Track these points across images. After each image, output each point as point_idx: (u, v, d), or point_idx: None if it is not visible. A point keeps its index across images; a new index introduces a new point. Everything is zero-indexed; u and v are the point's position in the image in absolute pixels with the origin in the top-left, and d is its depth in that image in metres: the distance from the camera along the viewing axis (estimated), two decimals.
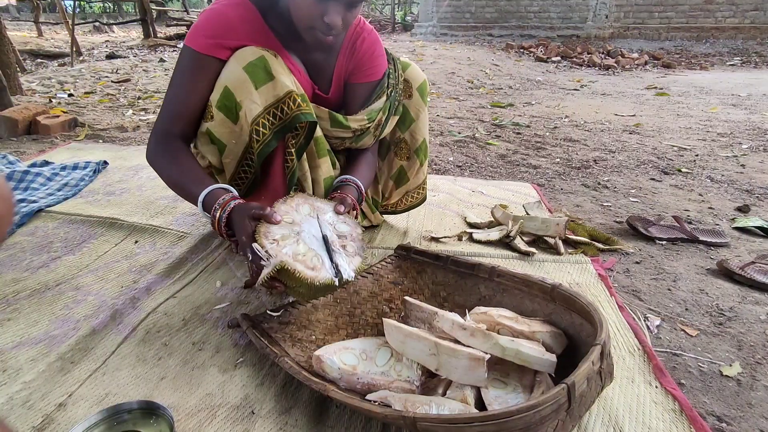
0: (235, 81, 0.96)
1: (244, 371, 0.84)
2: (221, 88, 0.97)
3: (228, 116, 0.99)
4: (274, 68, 0.97)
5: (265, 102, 0.97)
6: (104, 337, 0.92)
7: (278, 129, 0.98)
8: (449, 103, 3.88)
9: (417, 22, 10.75)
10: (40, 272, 1.15)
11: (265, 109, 0.97)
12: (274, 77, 0.96)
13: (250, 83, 0.95)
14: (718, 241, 1.41)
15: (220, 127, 1.00)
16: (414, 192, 1.40)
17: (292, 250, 0.81)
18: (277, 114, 0.98)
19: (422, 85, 1.27)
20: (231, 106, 0.98)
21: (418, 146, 1.32)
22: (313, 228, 0.87)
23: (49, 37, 8.95)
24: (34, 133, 2.51)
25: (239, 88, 0.96)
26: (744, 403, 0.80)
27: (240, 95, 0.96)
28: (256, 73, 0.95)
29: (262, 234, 0.81)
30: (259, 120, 0.97)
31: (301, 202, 0.91)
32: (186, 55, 0.99)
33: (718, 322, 1.03)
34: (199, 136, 1.05)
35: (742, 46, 8.12)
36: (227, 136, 1.01)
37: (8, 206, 0.44)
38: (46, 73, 4.79)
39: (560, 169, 2.17)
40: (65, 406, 0.75)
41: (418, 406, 0.66)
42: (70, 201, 1.59)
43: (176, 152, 1.00)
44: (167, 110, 1.01)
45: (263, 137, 0.98)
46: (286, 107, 0.97)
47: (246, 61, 0.95)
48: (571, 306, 0.81)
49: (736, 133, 2.92)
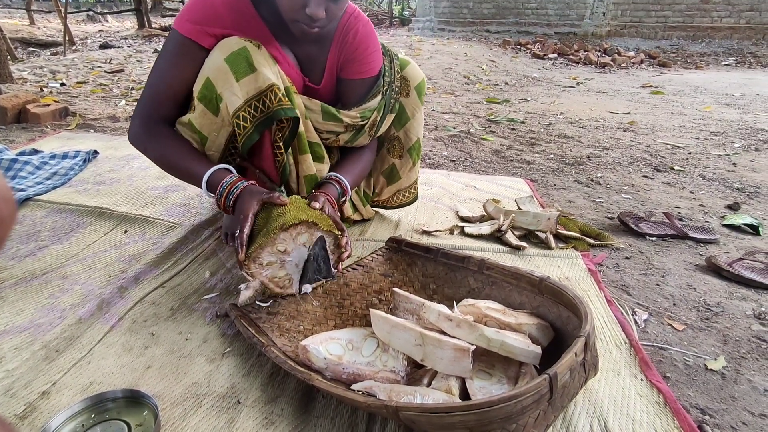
0: (216, 72, 0.94)
1: (231, 361, 0.84)
2: (203, 78, 0.96)
3: (208, 107, 0.98)
4: (256, 60, 0.95)
5: (246, 95, 0.95)
6: (90, 326, 0.91)
7: (259, 122, 0.97)
8: (445, 98, 3.87)
9: (415, 17, 10.70)
10: (27, 261, 1.14)
11: (246, 101, 0.95)
12: (256, 69, 0.94)
13: (231, 75, 0.94)
14: (708, 237, 1.42)
15: (200, 118, 0.99)
16: (405, 191, 1.40)
17: (271, 274, 0.91)
18: (258, 107, 0.96)
19: (420, 85, 1.25)
20: (211, 97, 0.96)
21: (411, 145, 1.31)
22: (298, 256, 0.93)
23: (41, 25, 8.83)
24: (24, 121, 2.48)
25: (220, 79, 0.94)
26: (727, 396, 0.81)
27: (220, 87, 0.95)
28: (237, 63, 0.93)
29: (252, 258, 0.88)
30: (239, 113, 0.96)
31: (302, 232, 0.91)
32: (171, 37, 0.99)
33: (705, 317, 1.04)
34: (182, 126, 1.03)
35: (738, 46, 8.16)
36: (208, 127, 1.00)
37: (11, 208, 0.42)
38: (38, 62, 4.73)
39: (554, 165, 2.18)
40: (48, 394, 0.75)
41: (402, 396, 0.67)
42: (59, 190, 1.57)
43: (166, 134, 1.01)
44: (151, 93, 1.01)
45: (244, 130, 0.98)
46: (268, 100, 0.96)
47: (228, 51, 0.94)
48: (558, 299, 0.81)
49: (729, 132, 2.93)
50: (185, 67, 0.98)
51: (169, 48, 0.99)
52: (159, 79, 1.00)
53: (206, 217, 1.37)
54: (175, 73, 0.99)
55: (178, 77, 0.99)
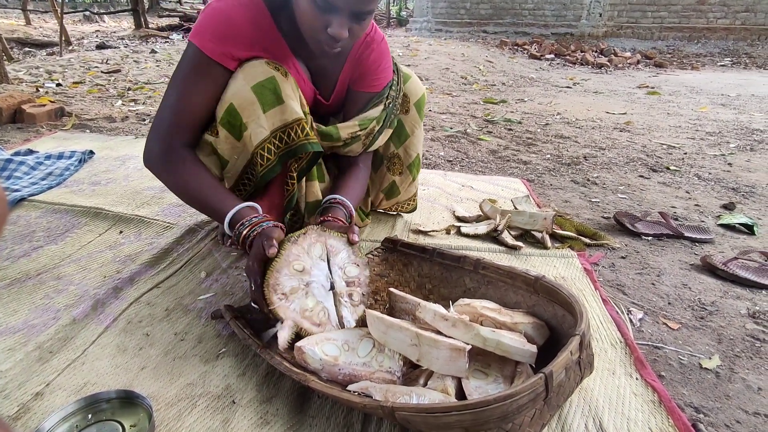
0: (242, 101, 0.92)
1: (226, 361, 0.83)
2: (226, 104, 0.93)
3: (231, 133, 0.96)
4: (284, 91, 0.93)
5: (272, 126, 0.94)
6: (85, 327, 0.91)
7: (283, 154, 0.96)
8: (442, 99, 3.87)
9: (412, 18, 10.72)
10: (21, 261, 1.14)
11: (272, 133, 0.94)
12: (284, 101, 0.93)
13: (257, 106, 0.92)
14: (703, 237, 1.42)
15: (223, 143, 0.98)
16: (404, 204, 1.42)
17: (300, 306, 0.81)
18: (283, 138, 0.95)
19: (420, 100, 1.25)
20: (236, 124, 0.94)
21: (411, 162, 1.32)
22: (322, 275, 0.86)
23: (37, 25, 8.80)
24: (19, 121, 2.47)
25: (246, 109, 0.92)
26: (722, 394, 0.81)
27: (246, 116, 0.93)
28: (264, 95, 0.92)
29: (271, 287, 0.80)
30: (264, 145, 0.94)
31: (314, 242, 0.87)
32: (192, 54, 0.93)
33: (700, 316, 1.04)
34: (203, 146, 1.00)
35: (733, 46, 8.20)
36: (229, 152, 0.99)
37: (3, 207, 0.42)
38: (34, 62, 4.71)
39: (550, 165, 2.18)
40: (42, 395, 0.74)
41: (398, 397, 0.66)
42: (54, 190, 1.56)
43: (188, 163, 0.96)
44: (172, 115, 0.95)
45: (267, 162, 0.96)
46: (293, 133, 0.95)
47: (255, 80, 0.91)
48: (553, 298, 0.81)
49: (725, 133, 2.95)
50: (208, 90, 0.95)
51: (192, 67, 0.93)
52: (181, 101, 0.95)
53: (202, 217, 1.37)
54: (199, 97, 0.95)
55: (201, 100, 0.95)
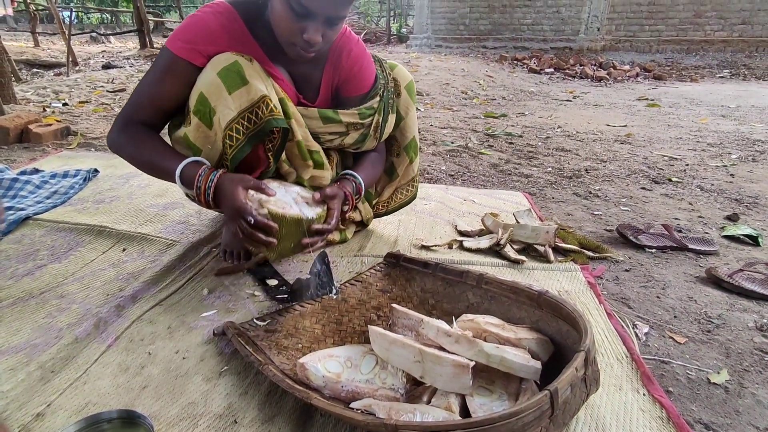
0: (209, 86, 0.97)
1: (228, 380, 0.83)
2: (197, 93, 0.98)
3: (203, 121, 0.99)
4: (248, 72, 0.97)
5: (239, 107, 0.97)
6: (87, 346, 0.90)
7: (252, 134, 0.99)
8: (443, 114, 3.91)
9: (412, 34, 10.87)
10: (25, 280, 1.14)
11: (239, 114, 0.97)
12: (248, 81, 0.96)
13: (223, 88, 0.96)
14: (707, 249, 1.42)
15: (195, 131, 1.01)
16: (403, 188, 1.41)
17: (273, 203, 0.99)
18: (251, 118, 0.98)
19: (410, 84, 1.29)
20: (205, 111, 0.98)
21: (407, 143, 1.34)
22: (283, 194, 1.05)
23: (45, 47, 8.98)
24: (26, 141, 2.50)
25: (213, 93, 0.96)
26: (731, 410, 0.80)
27: (214, 100, 0.97)
28: (229, 77, 0.96)
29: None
30: (232, 125, 0.98)
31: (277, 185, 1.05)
32: (162, 55, 1.01)
33: (707, 330, 1.03)
34: (177, 141, 1.06)
35: (731, 58, 8.26)
36: (202, 140, 1.02)
37: None
38: (41, 83, 4.79)
39: (552, 179, 2.19)
40: (43, 416, 0.74)
41: (401, 414, 0.66)
42: (59, 209, 1.58)
43: (141, 134, 1.03)
44: (132, 101, 1.04)
45: (237, 142, 0.99)
46: (260, 111, 0.98)
47: (220, 66, 0.96)
48: (557, 313, 0.80)
49: (726, 144, 2.95)
50: (173, 84, 1.01)
51: (159, 64, 1.01)
52: (144, 91, 1.03)
53: (205, 235, 1.38)
54: (162, 88, 1.02)
55: (163, 92, 1.02)
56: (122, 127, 1.04)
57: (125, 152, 1.05)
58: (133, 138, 1.03)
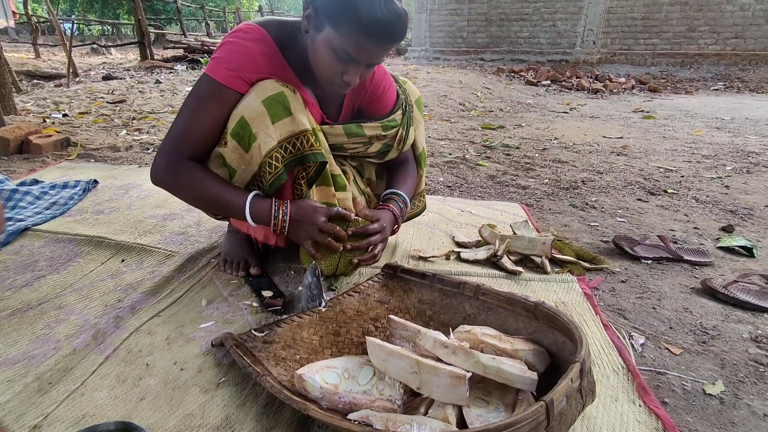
0: (253, 112, 0.99)
1: (226, 391, 0.83)
2: (237, 117, 1.00)
3: (240, 144, 1.01)
4: (292, 105, 1.00)
5: (279, 136, 1.00)
6: (84, 357, 0.90)
7: (288, 162, 1.03)
8: (441, 125, 3.94)
9: (410, 47, 11.00)
10: (23, 291, 1.14)
11: (279, 143, 1.00)
12: (292, 114, 1.00)
13: (267, 117, 0.99)
14: (703, 260, 1.43)
15: (231, 153, 1.03)
16: (414, 200, 1.44)
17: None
18: (289, 148, 1.02)
19: (418, 100, 1.34)
20: (245, 135, 1.00)
21: (418, 155, 1.37)
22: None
23: (46, 58, 9.05)
24: (26, 152, 2.51)
25: (256, 120, 0.99)
26: (727, 421, 0.80)
27: (256, 127, 0.99)
28: (274, 107, 0.99)
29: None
30: (272, 153, 1.01)
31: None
32: (204, 82, 1.00)
33: (702, 341, 1.04)
34: (213, 158, 1.07)
35: (725, 71, 8.38)
36: (237, 162, 1.04)
37: None
38: (41, 94, 4.82)
39: (549, 190, 2.20)
40: (40, 428, 0.74)
41: (399, 426, 0.66)
42: (58, 219, 1.58)
43: (198, 172, 1.03)
44: (180, 132, 1.02)
45: (275, 170, 1.02)
46: (299, 143, 1.02)
47: (265, 95, 0.98)
48: (553, 324, 0.81)
49: (721, 155, 2.98)
50: (218, 112, 1.01)
51: (202, 92, 1.00)
52: (188, 122, 1.02)
53: (204, 245, 1.38)
54: (208, 117, 1.01)
55: (211, 121, 1.02)
56: (174, 165, 1.02)
57: (183, 193, 1.05)
58: (189, 177, 1.03)
